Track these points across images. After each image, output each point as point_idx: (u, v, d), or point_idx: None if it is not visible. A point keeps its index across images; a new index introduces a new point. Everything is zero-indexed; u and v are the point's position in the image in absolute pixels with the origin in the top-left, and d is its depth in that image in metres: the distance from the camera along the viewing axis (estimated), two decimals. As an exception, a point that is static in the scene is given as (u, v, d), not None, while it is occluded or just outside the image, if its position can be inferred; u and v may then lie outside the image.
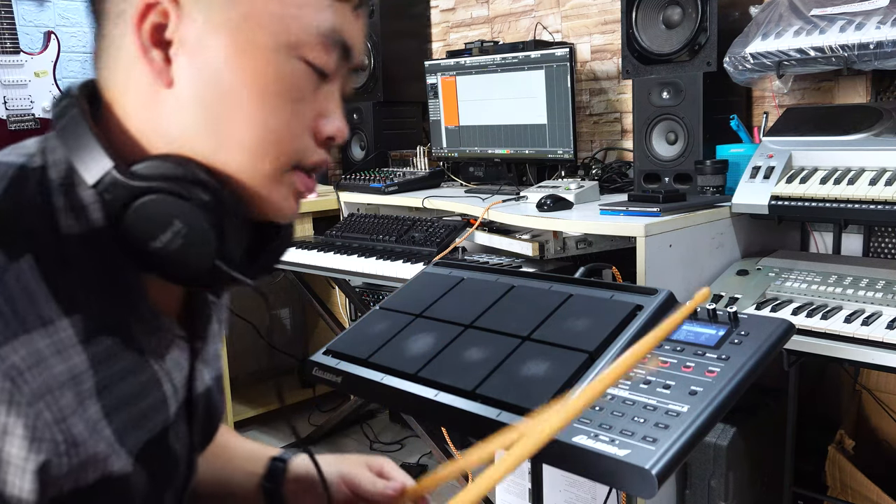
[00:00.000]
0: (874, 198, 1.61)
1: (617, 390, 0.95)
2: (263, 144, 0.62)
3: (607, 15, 2.63)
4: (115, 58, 0.63)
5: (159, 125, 0.61)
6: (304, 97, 0.63)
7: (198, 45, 0.60)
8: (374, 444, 2.78)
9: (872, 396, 1.98)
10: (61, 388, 0.56)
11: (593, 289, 1.16)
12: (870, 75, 1.94)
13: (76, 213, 0.59)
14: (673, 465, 0.82)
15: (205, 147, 0.61)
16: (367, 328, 1.26)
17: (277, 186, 0.64)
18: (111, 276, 0.60)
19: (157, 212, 0.59)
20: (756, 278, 1.77)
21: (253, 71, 0.60)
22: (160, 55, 0.60)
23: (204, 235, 0.60)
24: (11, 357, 0.53)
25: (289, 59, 0.61)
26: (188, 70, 0.60)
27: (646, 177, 2.21)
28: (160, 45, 0.60)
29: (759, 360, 0.94)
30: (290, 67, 0.62)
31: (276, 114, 0.62)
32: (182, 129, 0.61)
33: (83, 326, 0.57)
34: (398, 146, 3.07)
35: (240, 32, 0.60)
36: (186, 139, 0.61)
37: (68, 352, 0.56)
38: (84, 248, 0.59)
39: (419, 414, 1.82)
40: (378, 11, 2.98)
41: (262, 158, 0.62)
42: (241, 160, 0.62)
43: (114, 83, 0.63)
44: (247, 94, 0.60)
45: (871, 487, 1.78)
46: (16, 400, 0.53)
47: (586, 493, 1.70)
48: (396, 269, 2.12)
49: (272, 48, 0.61)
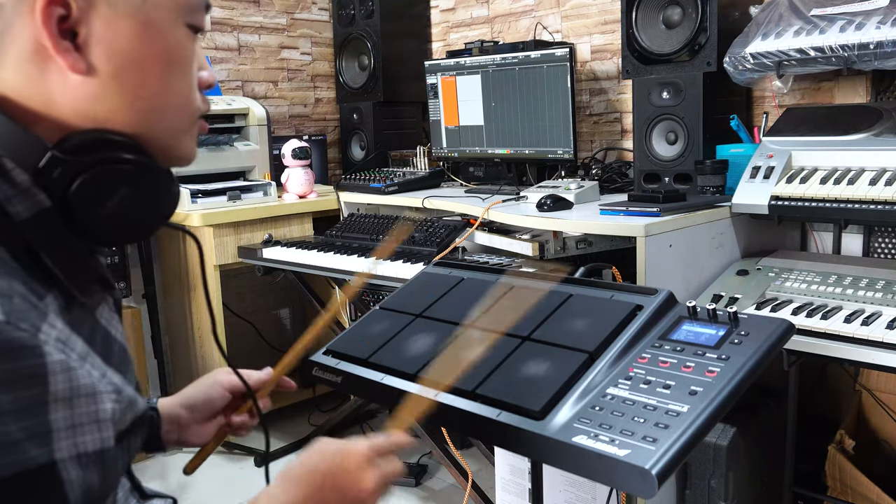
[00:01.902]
0: (874, 198, 1.61)
1: (617, 390, 0.95)
2: (176, 106, 0.70)
3: (607, 15, 2.63)
4: (2, 48, 0.63)
5: (77, 109, 0.64)
6: (191, 56, 0.71)
7: (107, 31, 0.64)
8: (374, 444, 2.78)
9: (872, 396, 1.98)
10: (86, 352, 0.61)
11: (593, 289, 1.16)
12: (870, 75, 1.94)
13: (21, 198, 0.61)
14: (673, 465, 0.82)
15: (127, 119, 0.66)
16: (367, 328, 1.26)
17: (187, 137, 0.72)
18: (66, 249, 0.64)
19: (100, 182, 0.63)
20: (756, 278, 1.77)
21: (157, 45, 0.66)
22: (70, 46, 0.63)
23: (147, 195, 0.66)
24: (52, 333, 0.57)
25: (181, 27, 0.69)
26: (102, 56, 0.64)
27: (646, 177, 2.21)
28: (67, 36, 0.63)
29: (759, 360, 0.94)
30: (182, 34, 0.69)
31: (179, 77, 0.69)
32: (104, 108, 0.65)
33: (60, 300, 0.62)
34: (398, 146, 3.07)
35: (143, 14, 0.65)
36: (109, 115, 0.65)
37: (56, 325, 0.60)
38: (37, 230, 0.61)
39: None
40: (378, 11, 2.98)
41: (177, 117, 0.70)
42: (159, 124, 0.68)
43: (5, 73, 0.63)
44: (155, 66, 0.67)
45: (871, 487, 1.78)
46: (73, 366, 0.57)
47: (586, 493, 1.70)
48: (396, 269, 2.11)
49: (170, 21, 0.67)
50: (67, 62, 0.62)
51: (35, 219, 0.61)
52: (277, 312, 3.34)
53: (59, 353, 0.56)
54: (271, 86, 3.30)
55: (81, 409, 0.57)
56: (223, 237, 2.58)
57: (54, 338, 0.57)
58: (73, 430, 0.57)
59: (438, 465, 2.54)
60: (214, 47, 3.10)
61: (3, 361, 0.53)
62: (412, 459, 2.60)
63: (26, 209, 0.61)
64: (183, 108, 0.70)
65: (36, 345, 0.55)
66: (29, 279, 0.59)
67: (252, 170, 2.85)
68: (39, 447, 0.54)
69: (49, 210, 0.62)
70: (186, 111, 0.71)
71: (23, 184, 0.61)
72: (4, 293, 0.56)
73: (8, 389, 0.53)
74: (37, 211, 0.61)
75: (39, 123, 0.64)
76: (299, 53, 3.38)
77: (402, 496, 2.40)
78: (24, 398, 0.54)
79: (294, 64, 3.36)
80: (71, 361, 0.57)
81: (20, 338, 0.54)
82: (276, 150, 2.89)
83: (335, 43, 3.24)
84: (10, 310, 0.55)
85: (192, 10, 0.69)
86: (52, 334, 0.57)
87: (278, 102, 3.32)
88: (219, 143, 2.77)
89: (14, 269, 0.58)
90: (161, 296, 2.91)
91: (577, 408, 0.93)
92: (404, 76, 3.07)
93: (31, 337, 0.55)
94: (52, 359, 0.56)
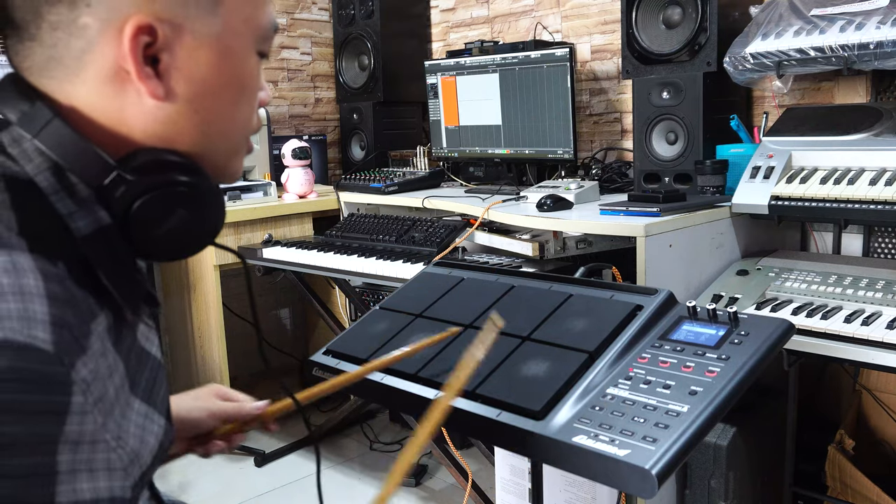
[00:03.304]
0: (874, 198, 1.61)
1: (617, 390, 0.95)
2: (240, 130, 0.72)
3: (607, 15, 2.63)
4: (75, 69, 0.63)
5: (148, 131, 0.65)
6: (259, 83, 0.73)
7: (188, 59, 0.65)
8: (374, 444, 2.78)
9: (872, 396, 1.98)
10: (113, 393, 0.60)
11: (593, 289, 1.16)
12: (870, 75, 1.94)
13: (83, 214, 0.62)
14: (673, 465, 0.82)
15: (192, 140, 0.68)
16: (367, 328, 1.26)
17: (240, 156, 0.75)
18: (123, 267, 0.64)
19: (160, 204, 0.64)
20: (756, 278, 1.77)
21: (232, 73, 0.68)
22: (152, 72, 0.64)
23: (203, 218, 0.68)
24: (82, 371, 0.56)
25: (253, 55, 0.70)
26: (181, 82, 0.65)
27: (646, 177, 2.21)
28: (149, 62, 0.64)
29: (759, 360, 0.94)
30: (254, 61, 0.71)
31: (247, 103, 0.71)
32: (175, 131, 0.66)
33: (111, 319, 0.62)
34: (398, 146, 3.07)
35: (221, 42, 0.67)
36: (178, 137, 0.67)
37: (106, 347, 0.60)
38: (96, 247, 0.62)
39: (419, 414, 1.82)
40: (378, 11, 2.98)
41: (238, 140, 0.72)
42: (221, 145, 0.71)
43: (76, 93, 0.64)
44: (229, 94, 0.69)
45: (871, 487, 1.78)
46: (87, 410, 0.56)
47: (586, 493, 1.70)
48: (396, 269, 2.12)
49: (245, 50, 0.69)
50: (148, 88, 0.64)
51: (95, 235, 0.62)
52: (277, 312, 3.34)
53: (80, 395, 0.55)
54: (271, 86, 3.30)
55: (83, 455, 0.56)
56: (223, 237, 2.58)
57: (82, 377, 0.56)
58: (73, 475, 0.55)
59: (438, 465, 2.54)
60: (214, 47, 3.10)
61: (36, 393, 0.52)
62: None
63: (87, 225, 0.62)
64: (244, 131, 0.73)
65: (69, 382, 0.54)
66: (83, 297, 0.59)
67: (252, 170, 2.85)
68: (42, 487, 0.53)
69: (109, 227, 0.63)
70: (246, 133, 0.73)
71: (85, 199, 0.62)
72: (58, 322, 0.55)
73: (26, 420, 0.52)
74: (97, 227, 0.62)
75: (105, 139, 0.64)
76: (299, 53, 3.38)
77: (402, 496, 2.40)
78: (38, 434, 0.53)
79: (294, 64, 3.36)
80: (86, 405, 0.56)
81: (59, 373, 0.54)
82: (276, 150, 2.90)
83: (335, 43, 3.24)
84: (60, 341, 0.54)
85: (264, 39, 0.71)
86: (82, 373, 0.56)
87: (278, 102, 3.32)
88: (219, 143, 2.77)
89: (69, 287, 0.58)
90: (161, 296, 2.91)
91: (577, 408, 0.93)
92: (404, 76, 3.07)
93: (66, 374, 0.54)
94: (76, 399, 0.55)
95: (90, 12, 0.61)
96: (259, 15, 0.70)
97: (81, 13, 0.61)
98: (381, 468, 2.58)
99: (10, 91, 0.65)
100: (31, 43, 0.63)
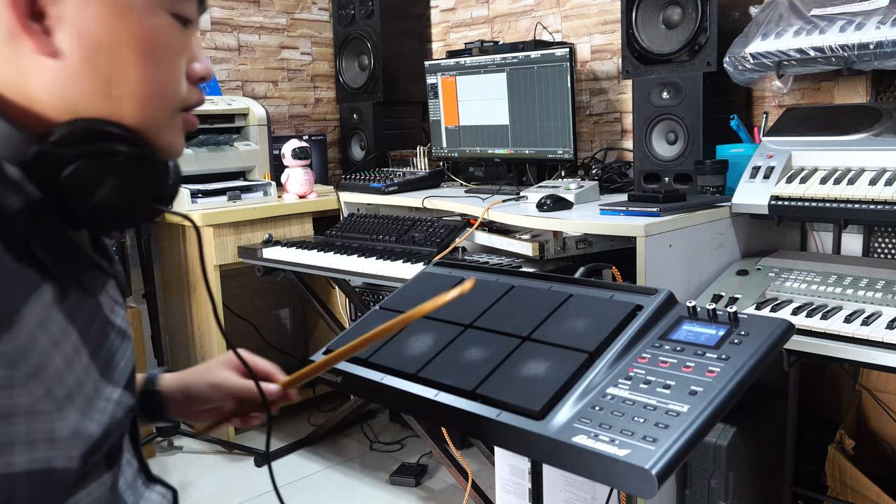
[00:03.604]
0: (874, 198, 1.61)
1: (617, 390, 0.95)
2: (152, 95, 0.68)
3: (607, 15, 2.63)
4: None
5: (50, 93, 0.64)
6: (176, 47, 0.69)
7: (76, 14, 0.62)
8: (374, 444, 2.78)
9: (872, 396, 1.98)
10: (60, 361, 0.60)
11: (593, 289, 1.16)
12: (870, 75, 1.94)
13: (12, 191, 0.61)
14: (673, 465, 0.82)
15: (100, 105, 0.65)
16: (367, 328, 1.26)
17: (168, 129, 0.71)
18: (59, 238, 0.64)
19: (88, 173, 0.63)
20: (756, 278, 1.77)
21: (131, 31, 0.65)
22: (39, 28, 0.62)
23: (135, 184, 0.66)
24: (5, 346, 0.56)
25: (159, 15, 0.67)
26: (70, 38, 0.63)
27: (646, 177, 2.21)
28: (35, 18, 0.61)
29: (759, 360, 0.94)
30: (162, 22, 0.67)
31: (157, 66, 0.67)
32: (76, 93, 0.64)
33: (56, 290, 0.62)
34: (398, 146, 3.07)
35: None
36: (81, 101, 0.65)
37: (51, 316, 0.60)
38: (29, 221, 0.62)
39: (419, 414, 1.82)
40: (378, 11, 2.98)
41: (153, 107, 0.68)
42: (134, 112, 0.67)
43: None
44: (129, 53, 0.65)
45: (871, 487, 1.78)
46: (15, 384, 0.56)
47: (586, 493, 1.70)
48: (396, 269, 2.12)
49: (146, 8, 0.66)
50: (35, 44, 0.62)
51: (25, 210, 0.62)
52: (277, 312, 3.34)
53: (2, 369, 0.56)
54: (271, 86, 3.30)
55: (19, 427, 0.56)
56: (223, 237, 2.58)
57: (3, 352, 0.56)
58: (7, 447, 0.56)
59: (438, 465, 2.54)
60: (214, 47, 3.10)
61: None
62: (412, 459, 2.60)
63: (17, 201, 0.61)
64: (162, 100, 0.69)
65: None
66: (19, 270, 0.59)
67: (252, 170, 2.85)
68: None
69: (39, 201, 0.63)
70: (166, 102, 0.69)
71: (13, 177, 0.62)
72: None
73: None
74: (26, 203, 0.62)
75: (23, 115, 0.64)
76: (299, 53, 3.38)
77: (402, 496, 2.40)
78: None
79: (294, 64, 3.36)
80: (14, 379, 0.56)
81: None
82: (276, 150, 2.90)
83: (335, 43, 3.24)
84: None
85: (172, 1, 0.68)
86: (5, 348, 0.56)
87: (278, 102, 3.32)
88: (219, 143, 2.77)
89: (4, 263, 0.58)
90: (161, 296, 2.91)
91: (577, 408, 0.93)
92: (404, 76, 3.07)
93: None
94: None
95: None
96: None
97: None
98: (382, 468, 2.58)
99: None
100: None
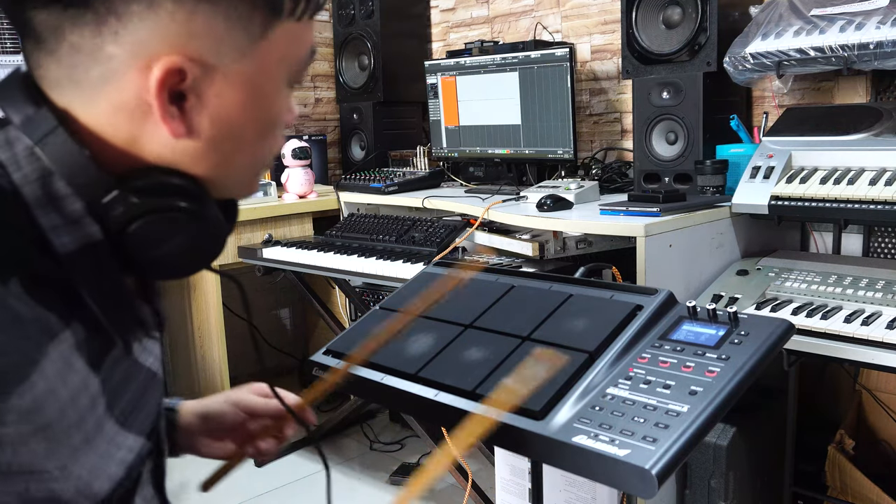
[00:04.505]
0: (874, 198, 1.61)
1: (617, 390, 0.95)
2: (262, 164, 0.69)
3: (607, 15, 2.63)
4: (91, 94, 0.59)
5: (162, 158, 0.62)
6: (286, 115, 0.69)
7: (215, 98, 0.61)
8: (374, 444, 2.78)
9: (872, 396, 1.98)
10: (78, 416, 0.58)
11: (593, 289, 1.16)
12: (870, 75, 1.94)
13: (69, 229, 0.58)
14: (673, 465, 0.82)
15: (206, 171, 0.64)
16: (367, 328, 1.26)
17: (257, 179, 0.72)
18: (110, 283, 0.61)
19: (160, 226, 0.61)
20: (756, 278, 1.77)
21: (260, 113, 0.65)
22: (176, 111, 0.60)
23: (201, 246, 0.65)
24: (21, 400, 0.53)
25: (284, 93, 0.67)
26: (203, 121, 0.61)
27: (646, 177, 2.21)
28: (175, 100, 0.60)
29: (759, 360, 0.94)
30: (285, 95, 0.67)
31: (272, 139, 0.68)
32: (188, 162, 0.63)
33: (81, 334, 0.58)
34: (398, 146, 3.07)
35: (253, 83, 0.63)
36: (190, 167, 0.63)
37: (72, 365, 0.57)
38: (81, 263, 0.58)
39: (419, 414, 1.82)
40: (378, 11, 2.98)
41: (258, 172, 0.70)
42: (240, 180, 0.69)
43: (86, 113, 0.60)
44: (255, 132, 0.65)
45: (871, 487, 1.78)
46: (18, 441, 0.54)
47: (586, 493, 1.70)
48: (396, 269, 2.11)
49: (277, 88, 0.65)
50: (170, 128, 0.60)
51: (81, 251, 0.58)
52: (277, 312, 3.34)
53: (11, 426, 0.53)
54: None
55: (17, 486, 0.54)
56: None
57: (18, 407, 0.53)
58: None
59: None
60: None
61: None
62: (412, 459, 2.60)
63: (73, 241, 0.58)
64: (265, 160, 0.69)
65: None
66: (38, 316, 0.55)
67: (252, 170, 2.85)
68: None
69: (99, 244, 0.59)
70: (268, 161, 0.70)
71: (74, 213, 0.58)
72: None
73: None
74: (85, 243, 0.58)
75: (111, 157, 0.61)
76: (299, 53, 3.37)
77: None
78: None
79: (294, 64, 3.36)
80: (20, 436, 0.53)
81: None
82: (276, 150, 2.89)
83: (335, 43, 3.24)
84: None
85: (298, 73, 0.67)
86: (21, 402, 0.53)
87: (278, 102, 3.31)
88: (219, 143, 2.77)
89: (12, 307, 0.53)
90: (163, 302, 2.90)
91: (577, 408, 0.93)
92: (404, 76, 3.07)
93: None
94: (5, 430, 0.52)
95: (117, 42, 0.57)
96: (297, 52, 0.66)
97: (107, 41, 0.57)
98: (382, 468, 2.58)
99: (16, 90, 0.60)
100: (49, 58, 0.59)
